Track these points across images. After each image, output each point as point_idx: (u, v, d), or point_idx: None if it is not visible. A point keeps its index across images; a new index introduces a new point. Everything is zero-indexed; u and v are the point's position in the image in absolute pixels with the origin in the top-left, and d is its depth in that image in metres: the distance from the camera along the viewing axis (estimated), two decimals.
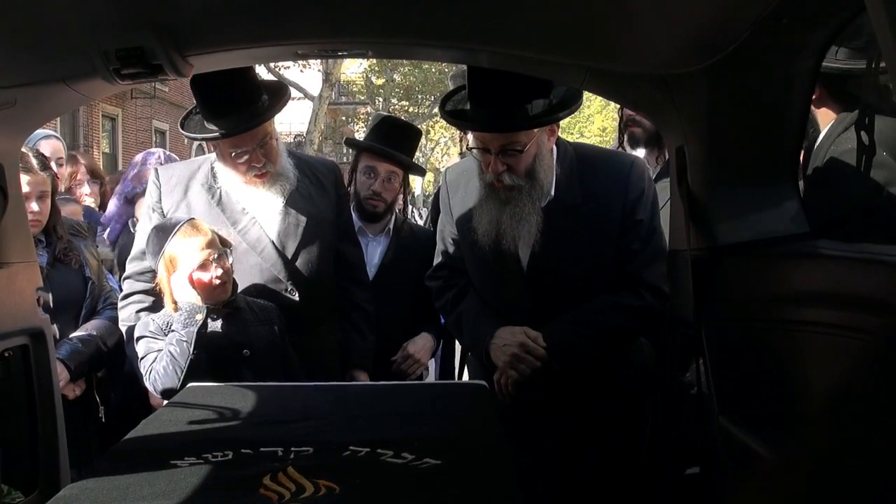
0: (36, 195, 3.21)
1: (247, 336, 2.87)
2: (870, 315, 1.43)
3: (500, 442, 2.15)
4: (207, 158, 3.25)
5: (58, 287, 3.28)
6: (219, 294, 2.83)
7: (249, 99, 2.96)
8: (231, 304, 2.87)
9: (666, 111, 2.21)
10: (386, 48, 2.52)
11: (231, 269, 2.86)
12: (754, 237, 2.08)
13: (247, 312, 2.91)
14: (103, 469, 1.96)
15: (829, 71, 2.29)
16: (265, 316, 2.95)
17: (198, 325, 2.73)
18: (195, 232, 2.81)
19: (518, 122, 2.61)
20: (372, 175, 3.70)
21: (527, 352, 2.72)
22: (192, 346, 2.71)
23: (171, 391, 2.72)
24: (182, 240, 2.79)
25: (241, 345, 2.85)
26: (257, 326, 2.91)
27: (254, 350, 2.86)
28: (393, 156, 3.71)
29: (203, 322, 2.75)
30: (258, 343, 2.88)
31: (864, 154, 2.16)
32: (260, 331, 2.91)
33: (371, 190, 3.68)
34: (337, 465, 1.92)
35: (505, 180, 2.69)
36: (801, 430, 0.79)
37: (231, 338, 2.85)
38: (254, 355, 2.86)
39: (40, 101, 2.30)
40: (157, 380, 2.78)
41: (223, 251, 2.83)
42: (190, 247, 2.78)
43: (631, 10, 1.82)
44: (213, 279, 2.78)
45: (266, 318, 2.95)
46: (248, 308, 2.93)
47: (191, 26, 2.02)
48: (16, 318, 2.39)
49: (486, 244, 2.79)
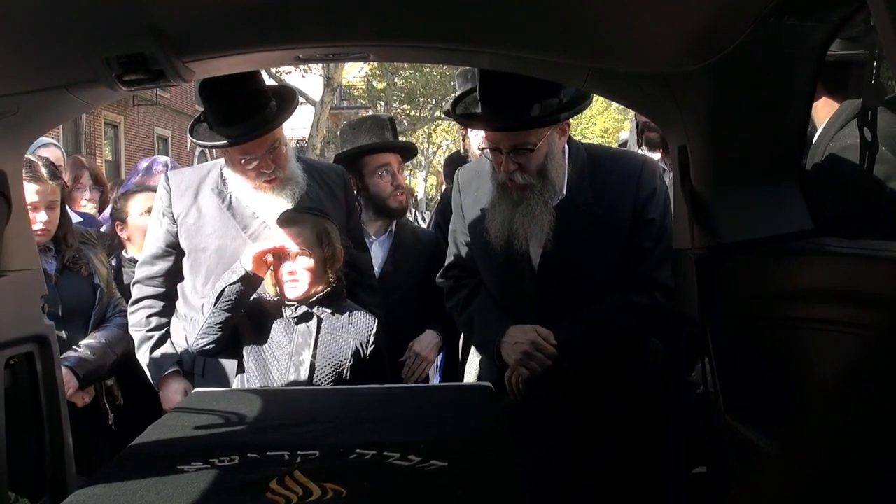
0: (45, 204, 3.23)
1: (311, 342, 2.86)
2: (875, 311, 1.43)
3: (507, 444, 2.15)
4: (217, 163, 3.26)
5: (67, 295, 3.30)
6: (289, 290, 2.85)
7: (258, 106, 2.97)
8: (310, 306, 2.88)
9: (668, 110, 2.21)
10: (387, 51, 2.52)
11: (314, 273, 2.85)
12: (758, 235, 2.07)
13: (328, 324, 2.90)
14: (110, 475, 1.96)
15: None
16: (351, 331, 2.93)
17: (230, 282, 2.76)
18: (291, 222, 2.89)
19: (528, 120, 2.62)
20: (388, 171, 3.73)
21: (538, 350, 2.72)
22: (217, 302, 2.75)
23: (197, 348, 2.82)
24: (276, 226, 2.90)
25: (301, 349, 2.85)
26: (334, 337, 2.90)
27: (314, 358, 2.85)
28: (396, 144, 3.79)
29: (241, 287, 2.77)
30: (323, 353, 2.87)
31: (866, 149, 2.16)
32: (333, 342, 2.89)
33: (394, 185, 3.71)
34: (343, 468, 1.92)
35: (517, 179, 2.70)
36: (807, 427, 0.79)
37: (289, 335, 2.86)
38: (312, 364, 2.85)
39: (42, 109, 2.30)
40: (189, 334, 2.86)
41: (313, 253, 2.84)
42: (275, 234, 2.88)
43: (632, 10, 1.82)
44: (280, 273, 2.84)
45: (352, 332, 2.93)
46: (336, 320, 2.91)
47: (192, 32, 2.02)
48: (21, 325, 2.39)
49: (499, 244, 2.79)
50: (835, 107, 2.60)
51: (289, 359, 2.82)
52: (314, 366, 2.83)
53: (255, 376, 2.82)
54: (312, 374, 2.82)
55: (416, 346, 3.62)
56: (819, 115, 2.59)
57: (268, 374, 2.82)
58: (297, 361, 2.82)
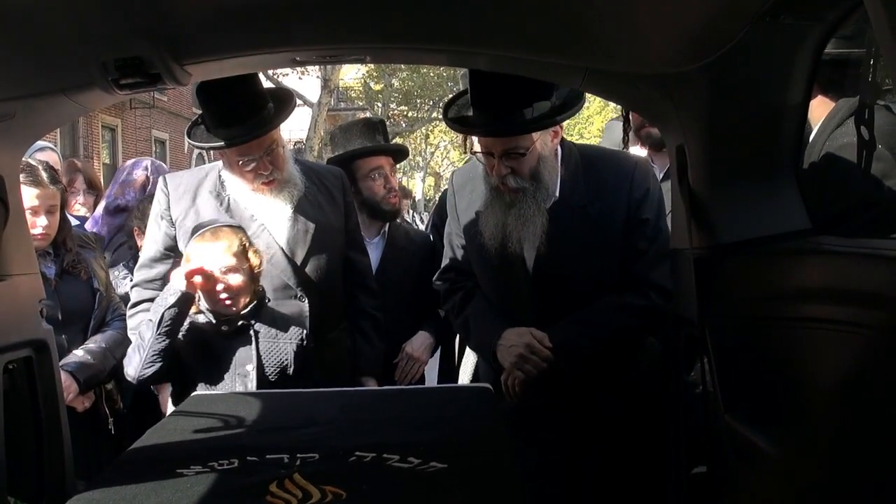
0: (45, 209, 3.22)
1: (252, 354, 2.85)
2: (874, 310, 1.43)
3: (506, 445, 2.15)
4: (215, 166, 3.25)
5: (66, 299, 3.29)
6: (223, 307, 2.83)
7: (255, 107, 2.97)
8: (243, 319, 2.86)
9: (665, 110, 2.21)
10: (384, 53, 2.52)
11: (244, 287, 2.85)
12: (756, 235, 2.07)
13: (264, 333, 2.89)
14: (109, 479, 1.96)
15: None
16: (287, 336, 2.93)
17: (167, 306, 2.72)
18: (213, 238, 2.82)
19: (519, 125, 2.62)
20: (380, 174, 3.73)
21: (533, 353, 2.72)
22: (160, 328, 2.71)
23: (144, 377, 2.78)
24: (198, 243, 2.82)
25: (244, 362, 2.84)
26: (272, 343, 2.90)
27: (259, 369, 2.85)
28: (387, 147, 3.81)
29: (178, 310, 2.74)
30: (268, 363, 2.87)
31: (863, 148, 2.16)
32: (273, 351, 2.89)
33: (386, 188, 3.72)
34: (343, 470, 1.92)
35: (509, 183, 2.70)
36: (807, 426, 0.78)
37: (230, 351, 2.85)
38: (258, 373, 2.84)
39: (39, 113, 2.29)
40: (127, 361, 2.83)
41: (241, 268, 2.83)
42: (202, 251, 2.80)
43: (628, 10, 1.82)
44: (216, 290, 2.79)
45: (288, 337, 2.93)
46: (269, 328, 2.91)
47: (189, 35, 2.02)
48: (19, 330, 2.39)
49: (493, 247, 2.79)
50: (831, 105, 2.61)
51: (232, 374, 2.83)
52: (260, 376, 2.84)
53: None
54: (260, 386, 2.83)
55: (408, 348, 3.63)
56: (815, 115, 2.59)
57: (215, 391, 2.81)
58: (243, 373, 2.83)
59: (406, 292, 3.69)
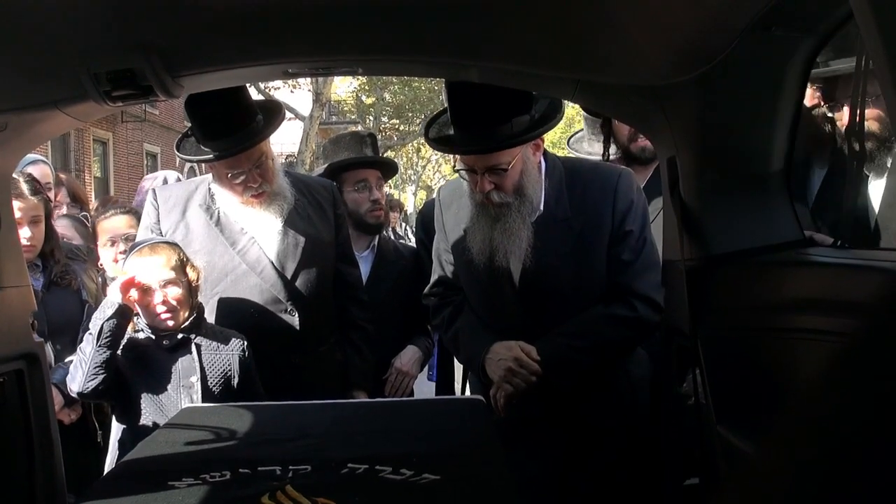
0: (28, 220, 3.21)
1: (196, 366, 2.83)
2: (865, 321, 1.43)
3: (499, 456, 2.14)
4: (205, 179, 3.25)
5: (54, 311, 3.27)
6: (161, 322, 2.81)
7: (244, 120, 2.97)
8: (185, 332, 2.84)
9: (656, 122, 2.22)
10: (376, 65, 2.53)
11: (183, 300, 2.82)
12: (748, 246, 2.08)
13: (206, 345, 2.87)
14: (100, 492, 1.95)
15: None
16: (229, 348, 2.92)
17: (105, 318, 2.67)
18: (151, 253, 2.82)
19: (499, 142, 2.62)
20: (364, 187, 3.73)
21: (521, 366, 2.72)
22: (100, 340, 2.66)
23: (82, 393, 2.73)
24: (136, 258, 2.81)
25: (187, 374, 2.82)
26: (215, 355, 2.88)
27: (203, 381, 2.83)
28: (373, 159, 3.80)
29: (116, 322, 2.69)
30: (211, 374, 2.85)
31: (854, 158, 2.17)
32: (216, 362, 2.88)
33: (371, 200, 3.72)
34: (336, 482, 1.92)
35: (493, 198, 2.71)
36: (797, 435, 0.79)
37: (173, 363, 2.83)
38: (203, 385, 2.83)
39: (31, 126, 2.29)
40: (70, 377, 2.78)
41: (180, 281, 2.82)
42: (139, 265, 2.79)
43: (620, 22, 1.82)
44: (154, 304, 2.78)
45: (229, 349, 2.92)
46: (210, 340, 2.89)
47: (180, 47, 2.02)
48: (10, 342, 2.38)
49: (481, 261, 2.79)
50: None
51: (176, 386, 2.81)
52: (205, 389, 2.82)
53: (151, 410, 2.79)
54: (205, 398, 2.82)
55: (397, 363, 3.63)
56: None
57: (160, 405, 2.79)
58: (187, 384, 2.81)
59: (395, 307, 3.69)
